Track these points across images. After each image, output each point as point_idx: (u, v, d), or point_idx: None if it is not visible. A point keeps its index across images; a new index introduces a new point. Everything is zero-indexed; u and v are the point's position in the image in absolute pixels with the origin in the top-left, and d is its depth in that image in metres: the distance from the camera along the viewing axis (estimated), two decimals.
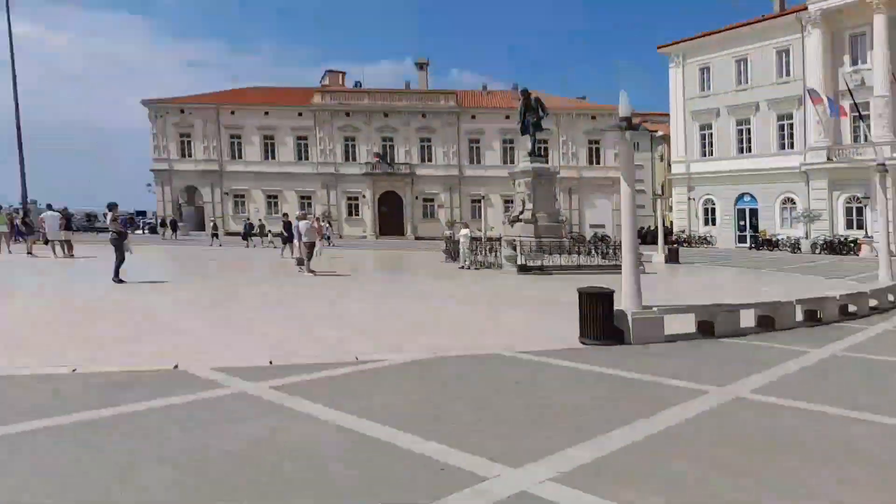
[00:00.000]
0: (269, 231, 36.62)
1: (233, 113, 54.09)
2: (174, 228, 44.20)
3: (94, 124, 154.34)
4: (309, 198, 54.10)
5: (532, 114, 23.89)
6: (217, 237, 36.26)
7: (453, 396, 5.87)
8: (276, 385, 6.00)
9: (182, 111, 54.01)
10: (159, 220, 40.51)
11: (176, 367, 6.66)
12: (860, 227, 35.94)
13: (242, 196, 54.35)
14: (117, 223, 14.94)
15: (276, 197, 54.15)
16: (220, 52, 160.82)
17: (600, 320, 8.56)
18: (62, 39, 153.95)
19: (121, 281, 13.99)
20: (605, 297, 8.65)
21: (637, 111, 9.49)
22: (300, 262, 18.31)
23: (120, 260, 14.28)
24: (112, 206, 15.69)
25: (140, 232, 52.01)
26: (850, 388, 6.56)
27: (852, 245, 34.97)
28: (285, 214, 27.28)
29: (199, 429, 4.76)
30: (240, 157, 54.32)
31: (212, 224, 38.91)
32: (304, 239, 17.74)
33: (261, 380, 6.19)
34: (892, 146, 32.77)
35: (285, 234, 23.59)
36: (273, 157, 54.31)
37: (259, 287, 14.96)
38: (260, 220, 44.73)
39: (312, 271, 17.57)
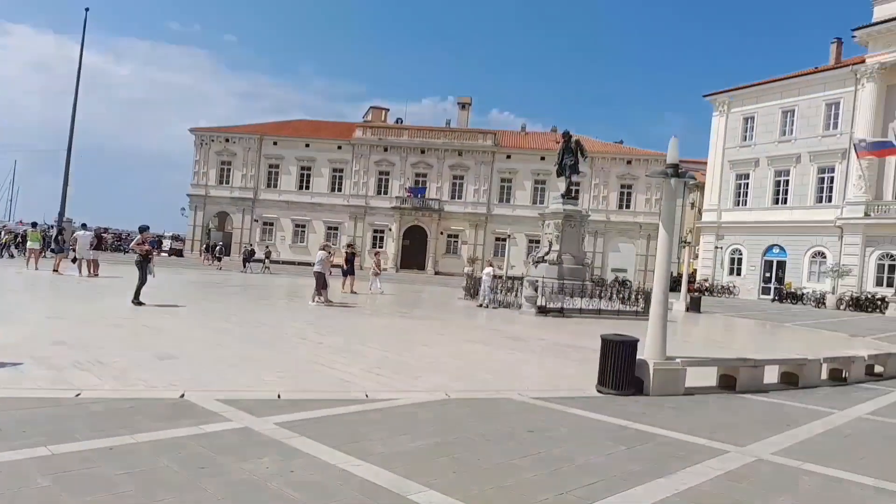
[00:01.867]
0: (266, 259, 36.34)
1: (275, 143, 55.69)
2: (217, 255, 38.26)
3: (144, 149, 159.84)
4: (336, 228, 54.89)
5: (570, 156, 23.92)
6: (251, 262, 35.97)
7: (463, 442, 5.71)
8: (281, 421, 5.91)
9: (227, 140, 55.77)
10: (204, 245, 39.10)
11: (182, 396, 6.64)
12: (890, 284, 34.90)
13: (271, 224, 55.36)
14: (144, 245, 15.16)
15: (304, 226, 55.02)
16: (271, 86, 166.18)
17: (621, 369, 8.34)
18: (125, 69, 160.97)
19: (140, 303, 14.06)
20: (629, 345, 8.45)
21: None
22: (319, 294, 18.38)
23: (141, 282, 14.39)
24: (143, 229, 15.99)
25: (165, 254, 53.00)
26: (874, 454, 6.24)
27: (879, 303, 33.93)
28: (350, 246, 27.20)
29: (194, 465, 4.68)
30: (275, 185, 55.62)
31: (248, 250, 38.29)
32: (316, 269, 17.84)
33: (267, 414, 6.11)
34: None
35: (345, 266, 23.52)
36: (307, 188, 55.42)
37: (274, 315, 15.00)
38: (267, 247, 44.29)
39: (330, 301, 17.66)
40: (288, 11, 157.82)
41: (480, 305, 20.70)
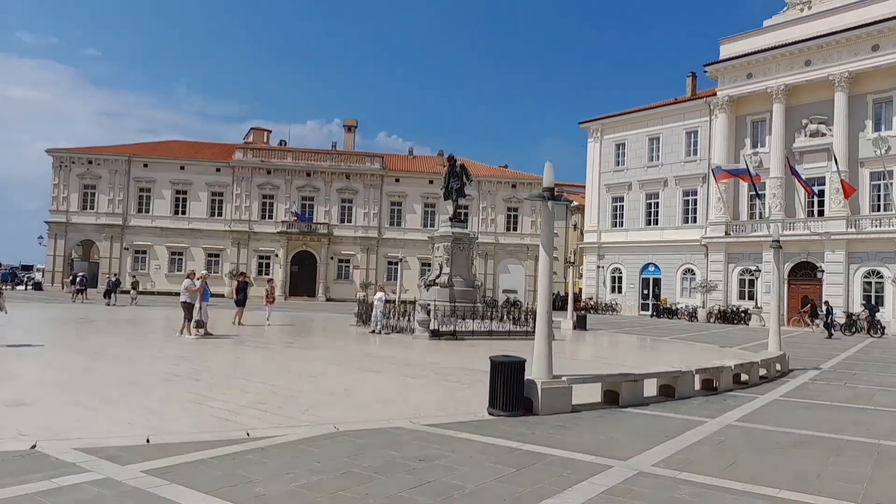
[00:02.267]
0: (133, 289, 34.34)
1: (146, 165, 52.25)
2: (81, 288, 34.96)
3: None
4: (218, 255, 52.39)
5: (456, 180, 24.28)
6: (116, 293, 33.31)
7: (351, 477, 5.45)
8: (148, 469, 5.37)
9: (90, 161, 51.66)
10: (117, 281, 35.23)
11: (34, 446, 5.89)
12: (751, 297, 38.39)
13: (144, 252, 51.77)
14: None
15: (181, 254, 51.94)
16: (141, 105, 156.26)
17: (511, 391, 8.41)
18: None
19: None
20: (517, 366, 8.54)
21: (556, 181, 9.71)
22: (199, 325, 17.33)
23: None
24: None
25: (22, 288, 48.20)
26: (743, 460, 6.66)
27: (743, 315, 37.22)
28: (242, 274, 25.41)
29: None
30: (147, 211, 52.15)
31: (112, 280, 35.38)
32: (183, 298, 16.92)
33: (132, 462, 5.53)
34: (783, 224, 35.55)
35: (236, 296, 22.13)
36: (183, 213, 52.40)
37: (145, 351, 13.89)
38: (134, 276, 41.96)
39: (209, 333, 16.89)
40: (157, 25, 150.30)
41: (373, 332, 20.38)
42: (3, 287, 14.59)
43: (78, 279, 35.43)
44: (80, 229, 51.25)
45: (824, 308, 29.97)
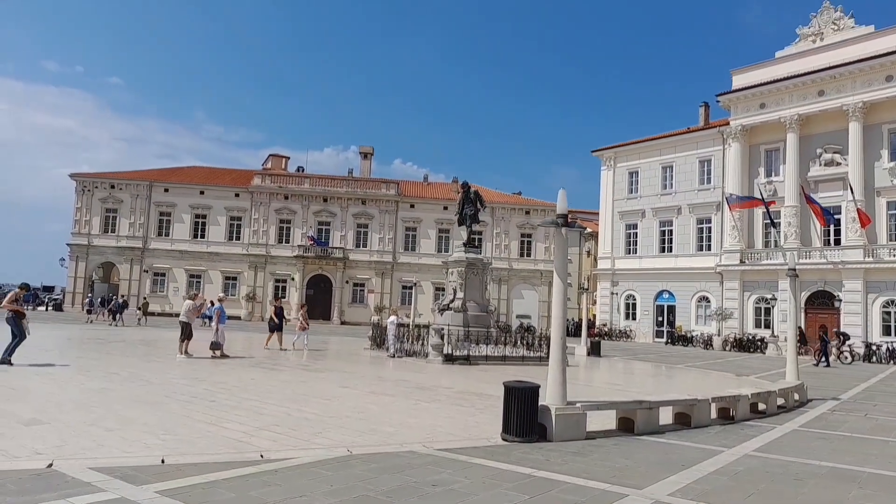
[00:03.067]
0: (140, 309, 36.21)
1: (166, 190, 53.12)
2: (115, 313, 34.17)
3: (16, 196, 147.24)
4: (235, 278, 52.79)
5: (470, 206, 24.48)
6: (122, 314, 34.10)
7: (365, 501, 5.43)
8: (163, 489, 5.40)
9: (112, 186, 52.66)
10: (100, 301, 36.41)
11: (50, 465, 5.95)
12: (767, 326, 37.91)
13: (163, 274, 52.33)
14: (16, 303, 13.91)
15: (199, 276, 52.40)
16: (161, 131, 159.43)
17: (524, 416, 8.37)
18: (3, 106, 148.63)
19: (9, 363, 12.99)
20: (531, 392, 8.50)
21: (569, 208, 9.78)
22: (215, 346, 17.49)
23: (15, 339, 13.42)
24: (24, 287, 14.87)
25: (43, 308, 48.83)
26: (761, 491, 6.55)
27: (759, 343, 36.71)
28: (279, 300, 25.11)
29: None
30: (167, 234, 52.86)
31: (119, 301, 35.70)
32: (182, 318, 17.48)
33: (148, 482, 5.57)
34: (798, 252, 35.22)
35: (275, 320, 21.92)
36: (202, 236, 53.05)
37: (161, 372, 13.97)
38: (145, 298, 43.25)
39: (189, 354, 17.10)
40: (178, 54, 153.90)
41: (391, 356, 20.37)
42: (26, 308, 14.77)
43: (112, 303, 36.22)
44: (100, 252, 52.01)
45: (821, 338, 29.29)
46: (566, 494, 6.00)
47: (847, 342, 31.28)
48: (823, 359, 27.84)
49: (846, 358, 30.32)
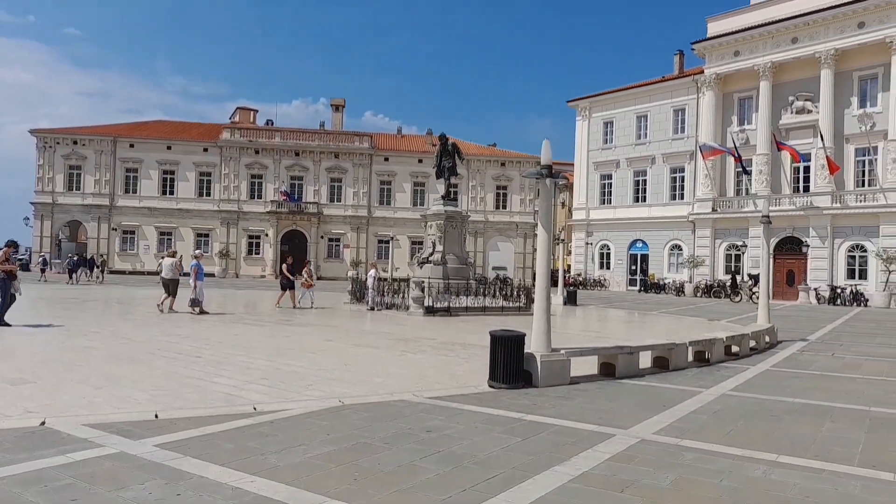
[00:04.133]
0: (97, 267, 36.59)
1: (132, 146, 51.53)
2: (72, 271, 34.61)
3: None
4: (207, 235, 52.02)
5: (448, 158, 24.25)
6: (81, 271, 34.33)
7: (361, 448, 5.56)
8: (161, 443, 5.44)
9: (75, 142, 50.88)
10: (81, 259, 36.40)
11: (43, 423, 5.93)
12: (738, 272, 38.89)
13: (132, 232, 51.36)
14: (6, 263, 13.57)
15: (170, 234, 51.56)
16: (123, 85, 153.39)
17: (511, 364, 8.55)
18: None
19: (6, 324, 12.97)
20: (517, 340, 8.66)
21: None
22: (194, 303, 17.43)
23: (4, 302, 13.23)
24: (10, 244, 14.46)
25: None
26: (740, 427, 6.85)
27: (729, 289, 37.62)
28: (287, 257, 23.96)
29: (65, 498, 4.18)
30: (134, 191, 51.60)
31: (75, 258, 35.69)
32: (168, 275, 17.91)
33: (144, 436, 5.60)
34: (769, 199, 35.86)
35: (289, 277, 21.12)
36: (171, 193, 51.94)
37: (144, 329, 13.87)
38: (102, 255, 43.31)
39: (174, 310, 17.48)
40: (136, 3, 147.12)
41: (371, 309, 20.52)
42: (17, 270, 14.35)
43: (89, 260, 37.06)
44: (66, 210, 50.69)
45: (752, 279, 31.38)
46: (556, 436, 6.20)
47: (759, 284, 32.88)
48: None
49: (758, 298, 31.40)
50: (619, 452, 5.68)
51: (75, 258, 35.68)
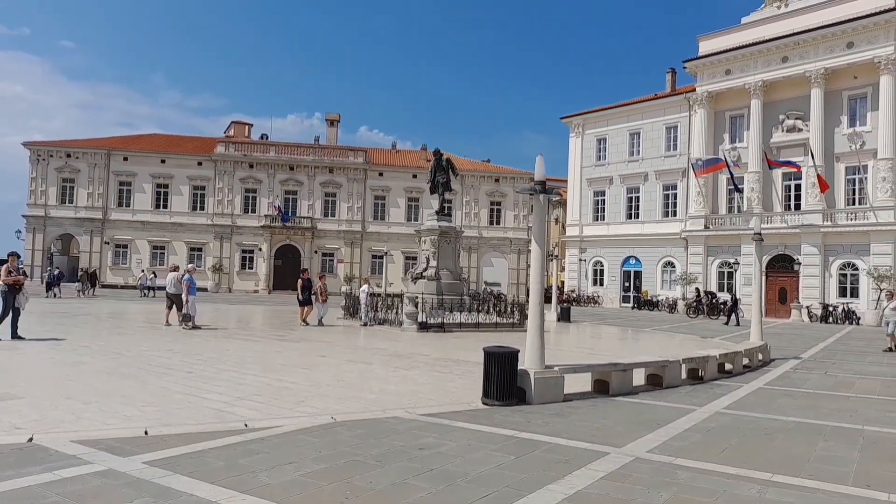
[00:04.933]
0: (85, 280, 36.51)
1: (126, 159, 51.44)
2: (51, 284, 34.94)
3: None
4: (200, 249, 51.84)
5: (442, 174, 24.34)
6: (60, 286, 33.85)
7: (353, 466, 5.50)
8: (151, 460, 5.37)
9: (68, 155, 50.79)
10: (61, 273, 36.24)
11: (31, 439, 5.85)
12: (730, 289, 39.00)
13: (125, 246, 51.12)
14: (12, 275, 13.40)
15: (163, 248, 51.35)
16: (118, 97, 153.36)
17: (504, 380, 8.51)
18: None
19: (20, 337, 13.09)
20: (511, 356, 8.64)
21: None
22: (186, 318, 17.34)
23: (6, 314, 13.20)
24: (15, 255, 14.33)
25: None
26: (734, 445, 6.83)
27: (722, 306, 37.75)
28: (304, 271, 23.24)
29: None
30: (127, 205, 51.43)
31: (55, 273, 35.27)
32: (171, 290, 17.87)
33: (133, 454, 5.53)
34: (761, 217, 36.08)
35: (301, 295, 20.45)
36: (165, 207, 51.81)
37: (134, 344, 13.75)
38: (86, 269, 42.71)
39: (186, 325, 17.33)
40: (132, 15, 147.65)
41: (364, 325, 20.43)
42: (23, 282, 14.10)
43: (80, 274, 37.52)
44: (58, 223, 50.45)
45: (731, 300, 31.37)
46: (550, 454, 6.16)
47: (713, 300, 36.16)
48: (734, 318, 29.43)
49: (715, 315, 34.63)
50: (613, 471, 5.64)
51: (55, 272, 35.21)
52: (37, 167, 50.31)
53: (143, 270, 42.96)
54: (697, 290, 38.53)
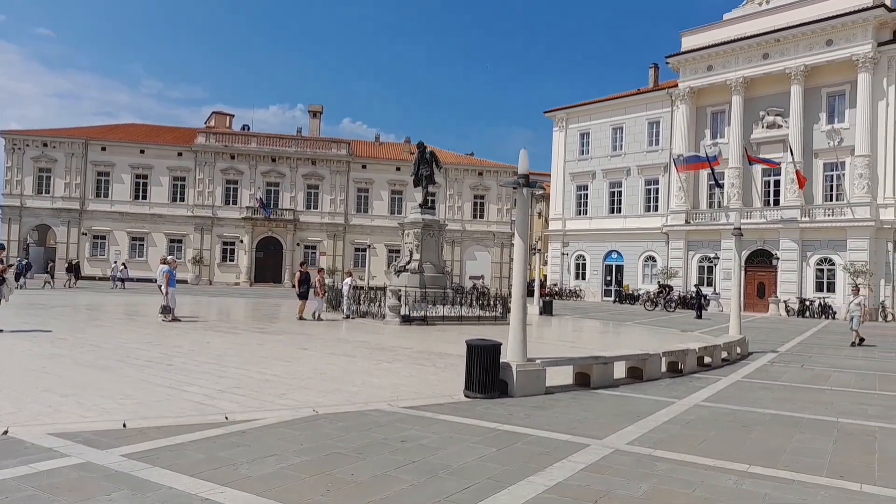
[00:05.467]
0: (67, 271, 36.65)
1: (104, 149, 50.64)
2: (76, 274, 37.06)
3: None
4: (180, 241, 51.32)
5: (426, 167, 24.27)
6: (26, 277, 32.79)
7: (335, 458, 5.49)
8: (129, 452, 5.32)
9: (45, 144, 49.89)
10: (29, 265, 35.92)
11: (6, 432, 5.76)
12: (710, 284, 39.47)
13: (103, 237, 50.41)
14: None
15: (142, 239, 50.75)
16: (96, 87, 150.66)
17: (487, 373, 8.54)
18: None
19: None
20: (493, 349, 8.66)
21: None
22: (166, 311, 17.16)
23: None
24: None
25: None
26: (713, 438, 6.93)
27: (702, 300, 38.22)
28: (303, 264, 22.39)
29: None
30: (106, 195, 50.69)
31: (24, 262, 34.61)
32: (159, 282, 17.73)
33: (111, 447, 5.47)
34: (741, 212, 36.51)
35: (299, 289, 19.69)
36: (144, 198, 51.15)
37: (113, 336, 13.58)
38: (71, 260, 42.16)
39: (177, 318, 17.16)
40: (110, 3, 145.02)
41: (347, 317, 20.36)
42: (6, 273, 13.93)
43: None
44: (35, 214, 49.61)
45: (695, 291, 32.79)
46: (531, 446, 6.20)
47: (670, 293, 37.47)
48: (697, 311, 30.29)
49: (671, 307, 35.76)
50: (593, 462, 5.70)
51: (24, 262, 34.66)
52: (12, 157, 49.38)
53: (114, 262, 42.59)
54: (659, 283, 39.67)
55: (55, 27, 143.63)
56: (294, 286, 20.52)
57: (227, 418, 6.73)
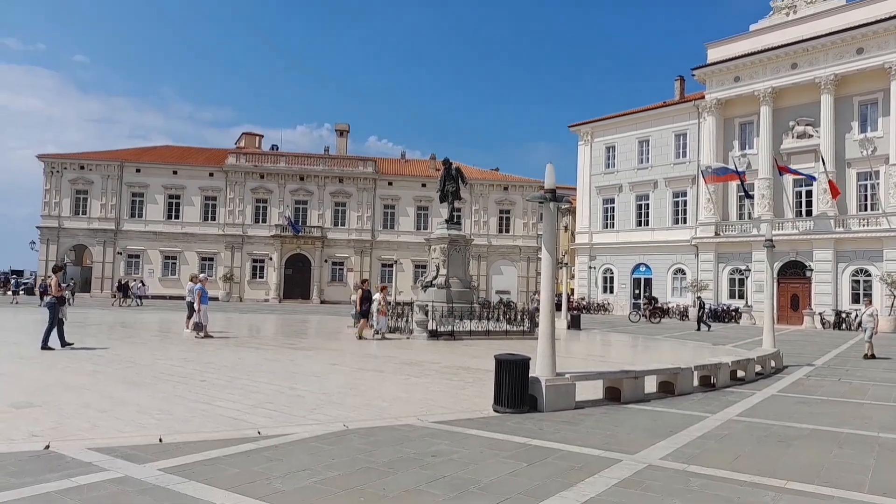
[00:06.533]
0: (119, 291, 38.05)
1: (138, 171, 52.04)
2: (125, 293, 38.65)
3: None
4: (212, 259, 52.21)
5: (452, 182, 24.44)
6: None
7: (366, 472, 5.53)
8: (166, 467, 5.42)
9: (82, 167, 51.47)
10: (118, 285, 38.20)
11: (47, 447, 5.92)
12: (741, 296, 38.74)
13: (137, 256, 51.56)
14: (58, 287, 13.98)
15: (174, 258, 51.77)
16: (130, 110, 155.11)
17: (516, 388, 8.52)
18: None
19: (49, 348, 13.31)
20: (522, 364, 8.64)
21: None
22: (198, 327, 17.47)
23: (51, 326, 13.61)
24: (57, 269, 14.70)
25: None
26: (748, 453, 6.79)
27: (734, 313, 37.56)
28: (364, 281, 22.02)
29: None
30: (140, 215, 51.95)
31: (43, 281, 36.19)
32: (189, 299, 18.22)
33: (149, 461, 5.59)
34: (772, 224, 35.89)
35: (360, 307, 19.08)
36: (176, 217, 52.27)
37: (146, 353, 13.85)
38: (121, 280, 43.52)
39: (198, 334, 17.53)
40: (144, 31, 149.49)
41: (377, 332, 20.33)
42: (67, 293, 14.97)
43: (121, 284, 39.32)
44: (72, 234, 51.01)
45: (698, 303, 31.98)
46: (562, 461, 6.16)
47: (656, 304, 37.82)
48: (704, 326, 29.55)
49: (656, 318, 35.85)
50: (625, 478, 5.64)
51: (72, 281, 36.35)
52: (51, 179, 50.96)
53: (133, 280, 43.68)
54: (647, 296, 40.00)
55: (90, 54, 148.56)
56: (355, 304, 19.69)
57: (259, 433, 6.82)
